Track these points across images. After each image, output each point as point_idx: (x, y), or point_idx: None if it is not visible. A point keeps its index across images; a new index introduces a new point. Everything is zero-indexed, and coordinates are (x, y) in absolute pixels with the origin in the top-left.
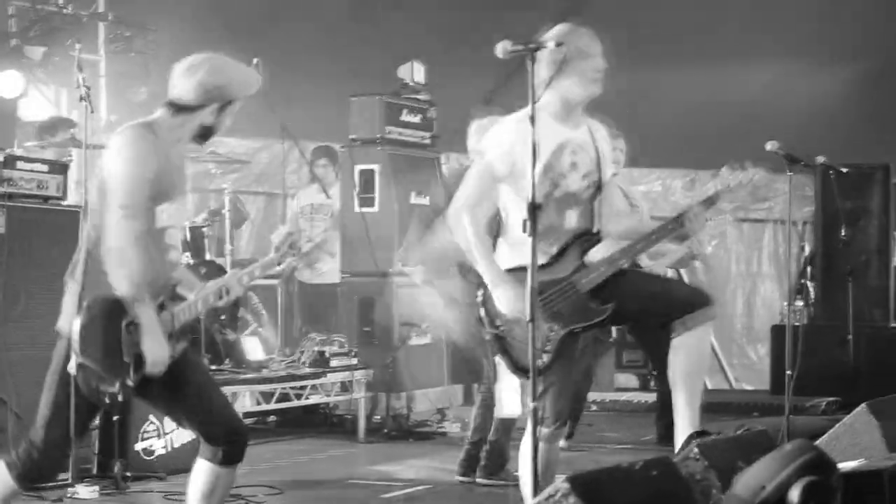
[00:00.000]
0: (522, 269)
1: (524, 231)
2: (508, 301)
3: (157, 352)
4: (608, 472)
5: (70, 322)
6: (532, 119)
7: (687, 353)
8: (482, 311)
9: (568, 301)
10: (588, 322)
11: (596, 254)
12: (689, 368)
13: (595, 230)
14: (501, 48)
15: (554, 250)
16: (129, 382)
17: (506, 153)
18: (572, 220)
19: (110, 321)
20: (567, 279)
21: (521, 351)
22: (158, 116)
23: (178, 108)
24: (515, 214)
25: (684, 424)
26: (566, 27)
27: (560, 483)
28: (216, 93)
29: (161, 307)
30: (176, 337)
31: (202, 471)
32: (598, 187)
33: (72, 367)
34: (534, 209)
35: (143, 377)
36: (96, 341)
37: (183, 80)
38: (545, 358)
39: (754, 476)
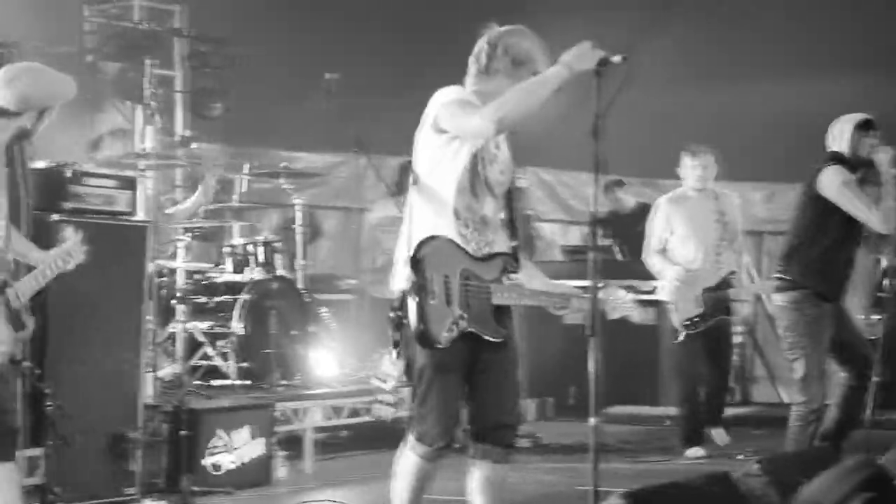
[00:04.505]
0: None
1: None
2: None
3: None
4: (664, 489)
5: None
6: (595, 133)
7: None
8: None
9: (480, 301)
10: (486, 333)
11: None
12: None
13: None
14: None
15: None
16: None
17: None
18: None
19: None
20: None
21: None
22: None
23: (0, 113)
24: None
25: None
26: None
27: (615, 499)
28: (36, 101)
29: (3, 286)
30: (27, 312)
31: None
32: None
33: None
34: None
35: None
36: None
37: (4, 89)
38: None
39: (814, 493)
